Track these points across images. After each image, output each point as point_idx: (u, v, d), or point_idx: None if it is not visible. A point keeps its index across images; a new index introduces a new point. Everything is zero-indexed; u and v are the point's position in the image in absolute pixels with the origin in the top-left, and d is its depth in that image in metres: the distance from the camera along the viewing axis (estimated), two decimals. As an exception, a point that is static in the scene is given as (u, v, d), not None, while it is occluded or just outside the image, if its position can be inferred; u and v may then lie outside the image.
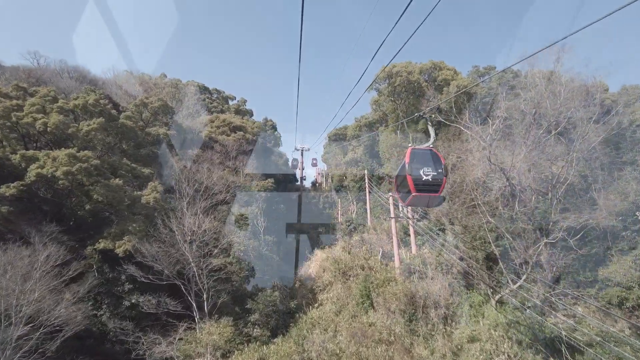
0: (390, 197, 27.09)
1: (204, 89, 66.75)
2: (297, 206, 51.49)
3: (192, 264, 22.33)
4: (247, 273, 24.20)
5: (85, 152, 21.70)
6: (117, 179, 23.34)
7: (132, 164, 27.33)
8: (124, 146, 31.85)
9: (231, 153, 39.46)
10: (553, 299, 18.48)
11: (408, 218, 26.40)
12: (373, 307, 21.83)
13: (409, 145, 9.45)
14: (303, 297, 26.63)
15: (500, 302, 20.33)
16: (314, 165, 66.42)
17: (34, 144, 25.17)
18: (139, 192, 25.13)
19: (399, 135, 34.45)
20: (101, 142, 28.62)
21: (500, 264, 20.28)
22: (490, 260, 21.18)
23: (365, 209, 48.10)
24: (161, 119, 40.09)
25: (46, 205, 22.65)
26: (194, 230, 23.47)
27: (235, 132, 42.40)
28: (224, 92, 69.94)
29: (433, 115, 31.14)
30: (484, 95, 28.19)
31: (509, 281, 19.99)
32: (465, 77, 32.37)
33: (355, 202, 51.14)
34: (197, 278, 22.37)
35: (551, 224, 19.27)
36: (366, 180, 39.19)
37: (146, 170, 27.41)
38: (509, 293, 19.68)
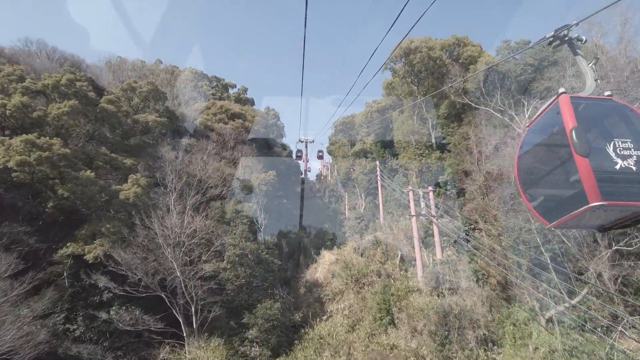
0: (410, 192, 23.29)
1: (202, 76, 62.82)
2: (300, 200, 47.92)
3: (178, 272, 18.78)
4: (243, 281, 20.62)
5: (47, 139, 18.03)
6: (90, 172, 19.75)
7: (112, 154, 23.73)
8: (107, 134, 28.28)
9: (229, 143, 35.76)
10: (625, 319, 14.66)
11: (432, 216, 22.61)
12: (394, 324, 18.20)
13: (561, 90, 4.24)
14: (309, 306, 23.09)
15: (551, 321, 16.57)
16: (320, 158, 62.71)
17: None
18: (118, 187, 21.56)
19: (417, 121, 30.54)
20: (77, 128, 25.06)
21: (553, 273, 16.49)
22: (538, 268, 17.37)
23: (375, 204, 44.32)
24: (153, 106, 36.42)
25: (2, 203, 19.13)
26: (180, 232, 19.88)
27: (234, 120, 38.66)
28: (223, 80, 65.91)
29: (457, 98, 27.14)
30: (518, 73, 24.21)
31: (564, 294, 16.21)
32: (492, 56, 28.34)
33: (363, 196, 47.40)
34: (184, 289, 18.84)
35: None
36: (378, 173, 35.34)
37: (128, 161, 23.81)
38: (564, 309, 15.92)
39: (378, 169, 35.71)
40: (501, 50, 26.01)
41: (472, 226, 21.48)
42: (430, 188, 23.90)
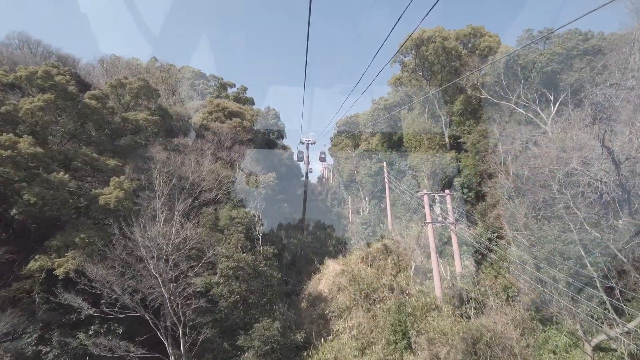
0: (425, 196, 20.87)
1: (200, 75, 60.70)
2: (302, 203, 45.47)
3: (163, 289, 16.37)
4: (238, 297, 18.21)
5: (9, 136, 15.70)
6: (64, 174, 17.41)
7: (95, 154, 21.41)
8: (93, 133, 25.98)
9: (225, 143, 33.40)
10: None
11: (450, 223, 20.18)
12: (411, 350, 15.73)
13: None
14: (312, 323, 20.68)
15: (600, 348, 14.11)
16: (322, 160, 60.53)
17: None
18: (98, 191, 19.22)
19: (428, 119, 28.11)
20: (57, 126, 22.80)
21: (601, 291, 14.04)
22: (580, 283, 14.94)
23: (381, 208, 41.85)
24: (145, 104, 34.14)
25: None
26: (166, 242, 17.50)
27: (231, 119, 36.30)
28: (222, 79, 63.56)
29: (474, 92, 24.71)
30: (544, 63, 21.78)
31: (615, 317, 13.75)
32: (512, 47, 25.94)
33: (367, 200, 44.97)
34: (170, 308, 16.43)
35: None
36: (385, 175, 32.95)
37: (112, 162, 21.47)
38: (617, 334, 13.47)
39: (385, 170, 33.34)
40: (522, 39, 23.65)
41: (496, 234, 19.01)
42: (447, 191, 21.48)
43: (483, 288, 16.97)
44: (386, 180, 32.87)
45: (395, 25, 8.47)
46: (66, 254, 15.85)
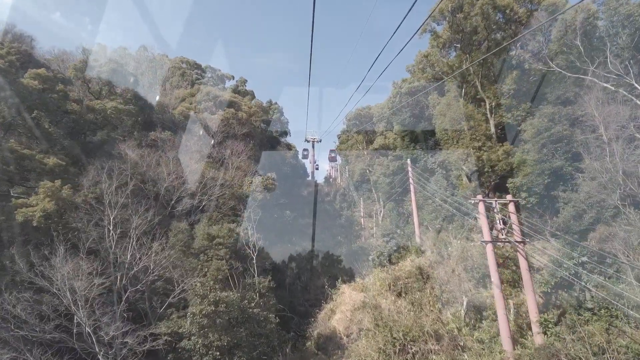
0: (481, 204, 14.91)
1: (194, 66, 54.87)
2: (308, 205, 39.60)
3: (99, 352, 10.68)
4: (217, 354, 12.43)
5: None
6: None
7: (26, 150, 15.82)
8: (45, 125, 20.41)
9: (215, 137, 27.71)
10: None
11: (517, 242, 14.16)
12: None
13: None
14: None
15: None
16: (333, 160, 54.65)
17: None
18: (21, 200, 13.61)
19: (467, 103, 21.97)
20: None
21: None
22: None
23: (399, 212, 35.78)
24: (122, 94, 28.60)
25: None
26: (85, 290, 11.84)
27: (224, 110, 30.62)
28: (219, 71, 57.80)
29: (536, 64, 18.68)
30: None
31: None
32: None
33: (382, 202, 38.90)
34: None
35: None
36: (409, 173, 26.98)
37: (51, 161, 15.85)
38: None
39: (409, 168, 27.36)
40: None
41: (595, 258, 12.95)
42: (509, 197, 15.50)
43: (583, 345, 10.88)
44: (410, 180, 26.88)
45: None
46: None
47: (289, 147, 51.90)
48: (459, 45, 22.17)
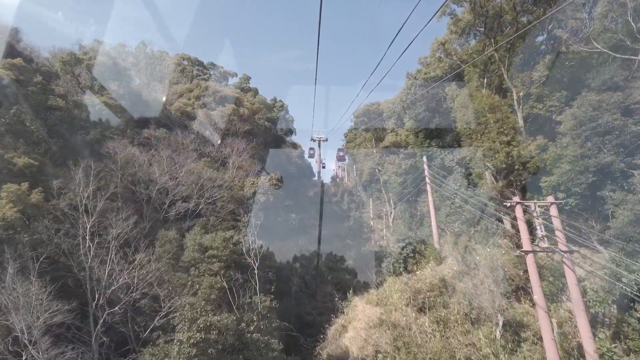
0: (518, 206, 12.68)
1: (196, 63, 53.03)
2: (314, 206, 37.52)
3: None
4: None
5: None
6: None
7: (-5, 149, 13.93)
8: (26, 123, 18.56)
9: (215, 134, 25.71)
10: None
11: (563, 251, 11.90)
12: None
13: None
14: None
15: None
16: (341, 159, 52.31)
17: None
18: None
19: (491, 93, 19.69)
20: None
21: None
22: None
23: (411, 214, 33.65)
24: (116, 91, 26.79)
25: None
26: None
27: (224, 106, 28.65)
28: (222, 68, 55.96)
29: (575, 46, 16.32)
30: None
31: None
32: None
33: (392, 203, 36.68)
34: None
35: None
36: (425, 171, 24.73)
37: (21, 161, 13.96)
38: None
39: (425, 166, 25.09)
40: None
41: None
42: (550, 198, 13.23)
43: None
44: (427, 179, 24.63)
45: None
46: None
47: (295, 146, 49.89)
48: (482, 29, 19.90)
